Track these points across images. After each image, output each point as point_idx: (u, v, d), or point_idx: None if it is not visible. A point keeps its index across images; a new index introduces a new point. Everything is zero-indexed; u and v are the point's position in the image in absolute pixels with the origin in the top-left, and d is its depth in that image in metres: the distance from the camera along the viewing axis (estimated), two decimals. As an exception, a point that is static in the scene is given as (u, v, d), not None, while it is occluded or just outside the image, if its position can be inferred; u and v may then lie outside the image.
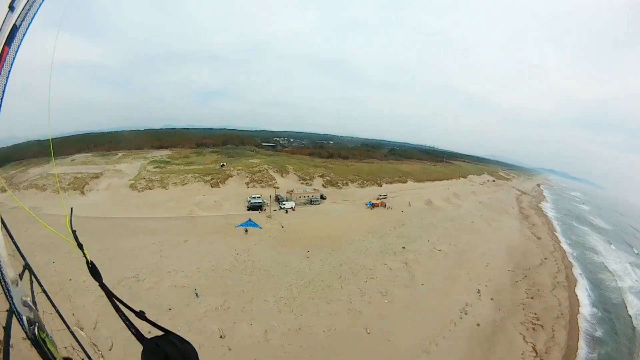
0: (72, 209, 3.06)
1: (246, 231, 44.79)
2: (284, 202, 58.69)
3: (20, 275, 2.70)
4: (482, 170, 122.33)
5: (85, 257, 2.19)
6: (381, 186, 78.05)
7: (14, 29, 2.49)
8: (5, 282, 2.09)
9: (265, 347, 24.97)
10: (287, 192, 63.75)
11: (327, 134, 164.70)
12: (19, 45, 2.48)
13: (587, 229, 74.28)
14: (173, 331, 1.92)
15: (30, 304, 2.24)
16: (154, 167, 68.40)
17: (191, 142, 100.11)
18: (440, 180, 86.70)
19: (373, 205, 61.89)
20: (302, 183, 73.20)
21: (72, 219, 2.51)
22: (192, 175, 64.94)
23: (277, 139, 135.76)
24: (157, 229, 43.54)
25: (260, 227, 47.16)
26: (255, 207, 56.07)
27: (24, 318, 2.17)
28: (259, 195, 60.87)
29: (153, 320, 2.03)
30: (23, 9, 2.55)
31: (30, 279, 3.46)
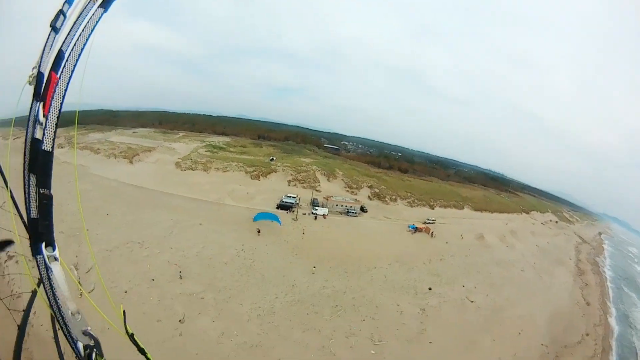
0: (124, 312, 3.41)
1: (259, 231, 47.03)
2: (316, 208, 59.32)
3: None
4: (546, 208, 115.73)
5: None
6: (433, 209, 76.82)
7: (60, 55, 2.94)
8: (62, 316, 2.65)
9: (213, 347, 26.25)
10: (324, 198, 64.28)
11: (397, 145, 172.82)
12: (70, 77, 2.94)
13: (635, 297, 66.86)
14: None
15: (90, 332, 2.70)
16: (206, 151, 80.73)
17: (254, 133, 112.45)
18: (500, 212, 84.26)
19: (416, 229, 59.61)
20: (347, 191, 72.97)
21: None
22: (236, 164, 73.34)
23: (345, 143, 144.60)
24: (180, 207, 51.10)
25: (280, 223, 49.69)
26: (285, 206, 58.63)
27: (80, 345, 2.74)
28: (295, 195, 63.47)
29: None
30: (69, 34, 3.02)
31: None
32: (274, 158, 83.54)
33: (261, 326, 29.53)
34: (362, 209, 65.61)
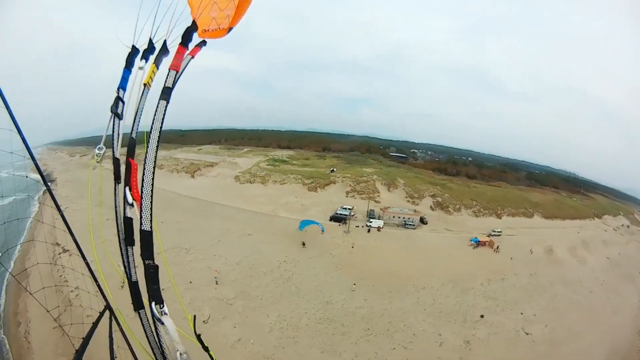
0: (194, 316, 4.33)
1: (304, 244, 48.06)
2: (370, 220, 57.64)
3: (101, 314, 5.65)
4: (618, 210, 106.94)
5: (212, 358, 4.22)
6: (500, 218, 72.21)
7: (133, 143, 3.68)
8: (165, 358, 3.58)
9: (226, 351, 28.39)
10: (380, 209, 62.00)
11: (468, 150, 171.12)
12: (154, 168, 3.69)
13: None
14: None
15: None
16: (267, 164, 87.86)
17: (319, 145, 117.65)
18: (572, 219, 79.27)
19: (478, 243, 55.29)
20: (408, 201, 69.22)
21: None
22: (295, 177, 77.49)
23: (414, 150, 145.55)
24: (232, 218, 56.67)
25: (323, 230, 51.01)
26: (338, 218, 58.88)
27: None
28: (351, 207, 63.24)
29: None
30: (135, 121, 3.80)
31: (110, 319, 5.69)
32: (335, 169, 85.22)
33: (280, 339, 30.22)
34: (422, 221, 61.82)
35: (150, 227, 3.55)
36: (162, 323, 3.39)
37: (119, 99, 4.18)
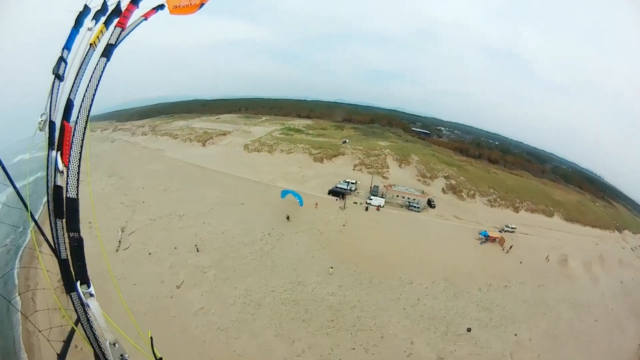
0: (151, 338, 3.89)
1: (288, 218, 47.55)
2: (370, 197, 55.39)
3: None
4: (639, 226, 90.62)
5: None
6: (517, 212, 64.20)
7: (70, 104, 3.38)
8: (100, 347, 3.05)
9: (187, 317, 29.92)
10: (384, 186, 59.08)
11: (496, 134, 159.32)
12: (85, 127, 3.31)
13: None
14: None
15: (127, 357, 3.16)
16: (280, 133, 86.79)
17: (339, 116, 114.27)
18: (592, 226, 69.98)
19: (487, 239, 48.46)
20: (419, 180, 64.60)
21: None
22: (303, 146, 76.02)
23: (440, 128, 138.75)
24: (231, 186, 57.60)
25: (302, 204, 49.05)
26: (337, 192, 57.19)
27: None
28: (354, 181, 61.18)
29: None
30: (75, 82, 3.46)
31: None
32: (347, 140, 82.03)
33: (239, 314, 30.71)
34: (430, 204, 56.71)
35: (77, 194, 3.21)
36: (88, 306, 3.03)
37: (61, 60, 3.89)
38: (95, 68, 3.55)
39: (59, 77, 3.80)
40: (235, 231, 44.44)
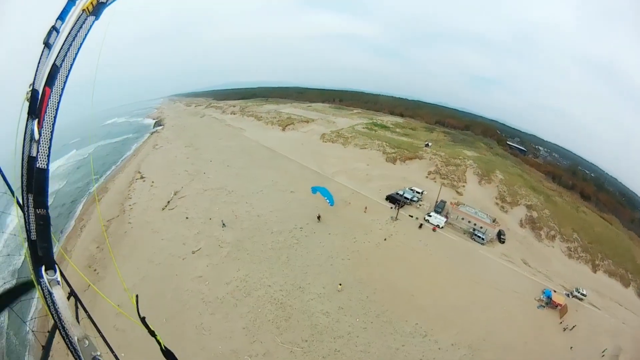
0: (137, 296, 3.78)
1: (319, 218, 43.95)
2: (430, 214, 46.64)
3: (68, 297, 4.54)
4: None
5: (160, 344, 3.10)
6: (595, 272, 44.63)
7: (55, 69, 3.18)
8: (70, 342, 2.61)
9: (184, 280, 32.21)
10: (450, 203, 48.77)
11: (593, 164, 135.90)
12: (62, 88, 3.14)
13: None
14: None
15: (100, 358, 2.68)
16: (364, 127, 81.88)
17: (433, 118, 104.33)
18: None
19: (548, 302, 34.28)
20: (497, 204, 50.14)
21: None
22: (379, 143, 70.08)
23: (539, 147, 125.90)
24: (289, 172, 57.80)
25: (332, 204, 44.62)
26: (394, 199, 50.59)
27: None
28: (421, 191, 53.09)
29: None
30: (62, 47, 3.30)
31: (76, 305, 5.06)
32: (430, 143, 71.26)
33: (226, 295, 30.62)
34: (499, 237, 43.01)
35: (47, 164, 2.90)
36: (52, 295, 2.65)
37: (53, 29, 3.67)
38: (82, 26, 3.38)
39: (48, 46, 3.51)
40: (269, 217, 44.20)
